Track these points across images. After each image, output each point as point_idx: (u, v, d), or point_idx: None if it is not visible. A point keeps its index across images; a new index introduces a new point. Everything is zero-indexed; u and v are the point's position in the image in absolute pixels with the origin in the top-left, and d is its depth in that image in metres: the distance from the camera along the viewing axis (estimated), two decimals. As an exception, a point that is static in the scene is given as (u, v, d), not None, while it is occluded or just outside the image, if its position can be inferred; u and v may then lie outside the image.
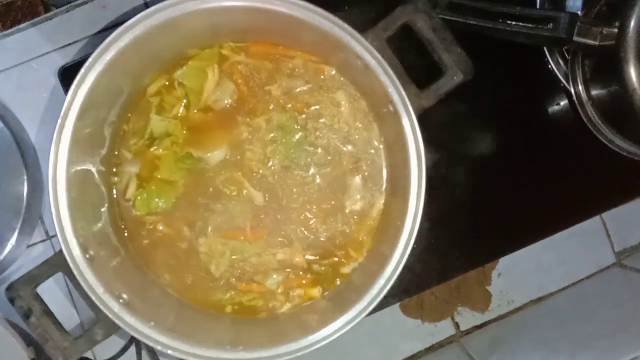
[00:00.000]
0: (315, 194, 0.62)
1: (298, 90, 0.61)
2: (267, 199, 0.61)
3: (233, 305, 0.61)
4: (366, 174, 0.62)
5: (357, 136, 0.62)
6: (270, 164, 0.61)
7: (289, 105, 0.61)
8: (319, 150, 0.62)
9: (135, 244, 0.61)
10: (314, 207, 0.62)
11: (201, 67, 0.60)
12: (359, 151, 0.62)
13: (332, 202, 0.62)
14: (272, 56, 0.61)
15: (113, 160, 0.60)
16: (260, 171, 0.61)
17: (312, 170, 0.62)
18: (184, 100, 0.61)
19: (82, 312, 0.70)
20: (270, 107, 0.61)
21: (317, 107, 0.61)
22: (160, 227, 0.61)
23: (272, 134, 0.61)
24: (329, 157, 0.62)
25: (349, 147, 0.62)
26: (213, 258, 0.61)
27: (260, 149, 0.61)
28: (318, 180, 0.62)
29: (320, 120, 0.62)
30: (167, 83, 0.61)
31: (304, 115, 0.61)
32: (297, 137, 0.61)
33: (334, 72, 0.61)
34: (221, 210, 0.61)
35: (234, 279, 0.61)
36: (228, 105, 0.61)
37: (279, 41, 0.61)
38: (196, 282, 0.61)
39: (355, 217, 0.62)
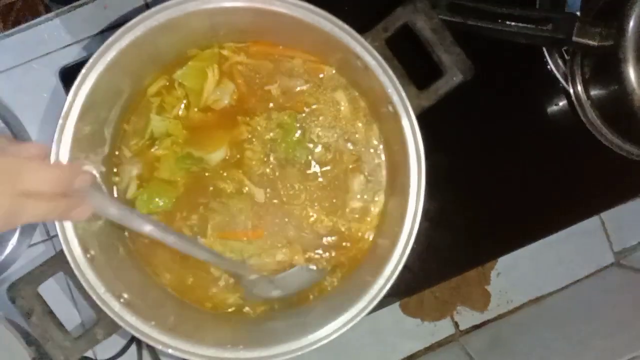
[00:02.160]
0: (316, 193, 0.62)
1: (297, 89, 0.61)
2: (267, 196, 0.61)
3: (233, 305, 0.62)
4: (366, 173, 0.62)
5: (357, 136, 0.62)
6: (270, 162, 0.61)
7: (289, 105, 0.61)
8: (319, 148, 0.62)
9: (136, 243, 0.61)
10: (315, 204, 0.62)
11: (201, 67, 0.60)
12: (359, 150, 0.62)
13: (333, 201, 0.62)
14: (272, 56, 0.61)
15: (114, 160, 0.61)
16: (260, 170, 0.61)
17: (312, 169, 0.62)
18: (184, 101, 0.61)
19: (83, 312, 0.70)
20: (270, 106, 0.61)
21: (316, 106, 0.62)
22: (161, 227, 0.61)
23: (272, 133, 0.61)
24: (329, 156, 0.62)
25: (349, 146, 0.62)
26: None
27: (261, 148, 0.61)
28: (319, 179, 0.62)
29: (320, 119, 0.62)
30: (167, 83, 0.61)
31: (303, 114, 0.62)
32: (297, 135, 0.61)
33: (333, 72, 0.61)
34: (221, 209, 0.61)
35: (232, 280, 0.61)
36: (228, 105, 0.61)
37: (279, 41, 0.61)
38: (196, 282, 0.61)
39: (355, 216, 0.62)
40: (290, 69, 0.61)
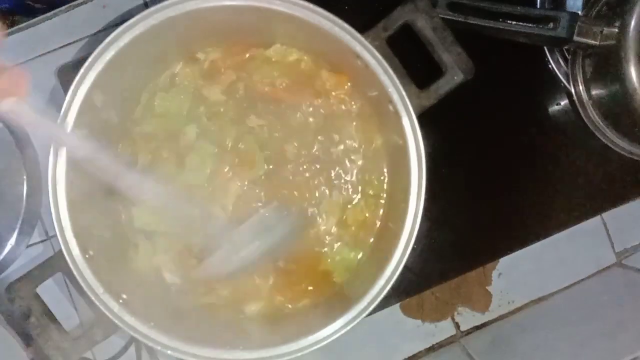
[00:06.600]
0: (314, 188, 0.61)
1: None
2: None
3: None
4: (366, 173, 0.62)
5: (356, 135, 0.62)
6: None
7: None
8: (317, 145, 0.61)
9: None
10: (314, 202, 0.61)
11: None
12: (359, 150, 0.62)
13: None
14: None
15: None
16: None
17: (310, 166, 0.61)
18: None
19: (81, 312, 0.70)
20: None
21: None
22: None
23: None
24: (328, 153, 0.61)
25: (349, 146, 0.62)
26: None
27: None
28: (319, 177, 0.61)
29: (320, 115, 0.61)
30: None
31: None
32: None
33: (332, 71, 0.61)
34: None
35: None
36: None
37: (279, 41, 0.61)
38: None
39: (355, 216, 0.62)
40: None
